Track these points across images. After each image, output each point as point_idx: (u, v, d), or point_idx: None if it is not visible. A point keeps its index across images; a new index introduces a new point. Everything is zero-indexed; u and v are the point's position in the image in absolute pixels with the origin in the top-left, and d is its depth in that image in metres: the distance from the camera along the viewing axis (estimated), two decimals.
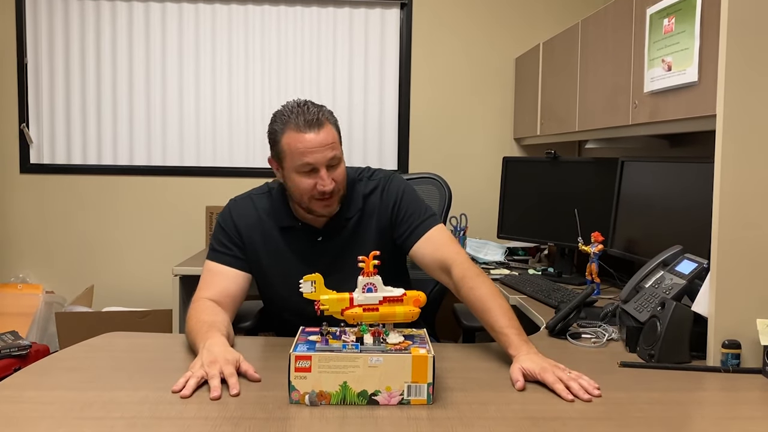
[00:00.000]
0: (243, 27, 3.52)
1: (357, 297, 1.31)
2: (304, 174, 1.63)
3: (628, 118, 2.17)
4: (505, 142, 3.59)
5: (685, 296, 1.58)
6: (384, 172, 1.83)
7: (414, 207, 1.77)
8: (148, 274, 3.53)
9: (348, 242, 1.75)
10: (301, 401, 1.20)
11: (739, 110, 1.42)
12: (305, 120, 1.61)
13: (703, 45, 1.73)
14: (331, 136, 1.63)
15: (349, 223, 1.76)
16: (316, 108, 1.64)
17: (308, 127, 1.60)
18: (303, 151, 1.61)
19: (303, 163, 1.62)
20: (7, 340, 2.77)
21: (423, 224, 1.73)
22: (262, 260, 1.75)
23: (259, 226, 1.76)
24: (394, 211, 1.76)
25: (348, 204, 1.75)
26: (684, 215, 1.97)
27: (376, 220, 1.77)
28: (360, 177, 1.81)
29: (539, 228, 2.83)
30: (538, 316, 2.01)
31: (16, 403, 1.22)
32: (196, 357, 1.38)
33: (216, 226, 1.80)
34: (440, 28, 3.56)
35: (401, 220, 1.75)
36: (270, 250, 1.75)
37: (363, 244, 1.73)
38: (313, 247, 1.75)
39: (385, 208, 1.77)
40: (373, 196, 1.78)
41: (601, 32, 2.44)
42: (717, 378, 1.41)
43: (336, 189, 1.66)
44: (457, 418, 1.16)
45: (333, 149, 1.63)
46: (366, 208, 1.77)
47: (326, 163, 1.62)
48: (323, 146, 1.61)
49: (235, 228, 1.75)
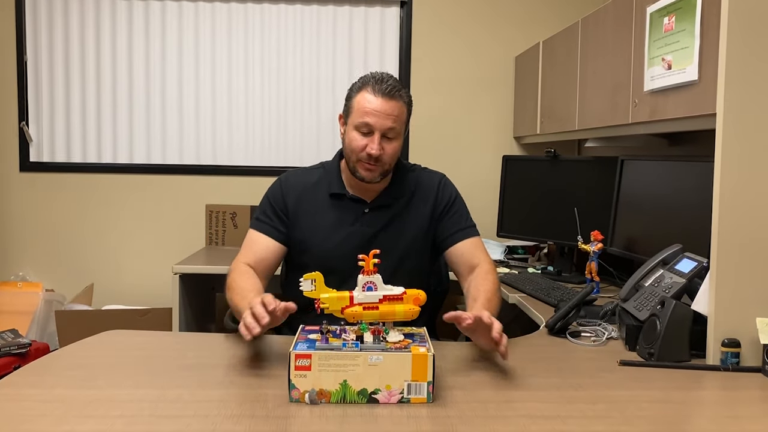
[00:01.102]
0: (243, 25, 3.51)
1: (357, 295, 1.31)
2: (361, 133, 1.76)
3: (627, 116, 2.17)
4: (505, 141, 3.59)
5: (685, 295, 1.58)
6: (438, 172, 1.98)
7: (463, 211, 1.92)
8: (147, 272, 3.53)
9: (393, 220, 1.86)
10: (301, 399, 1.20)
11: (739, 109, 1.42)
12: (382, 87, 1.75)
13: (703, 44, 1.73)
14: (397, 110, 1.76)
15: (397, 203, 1.87)
16: (396, 84, 1.78)
17: (381, 93, 1.74)
18: (367, 111, 1.74)
19: (363, 122, 1.74)
20: (6, 339, 2.77)
21: (468, 230, 1.88)
22: (311, 225, 1.85)
23: (308, 194, 1.88)
24: (448, 206, 1.90)
25: (398, 185, 1.88)
26: (684, 214, 1.97)
27: (427, 207, 1.89)
28: (413, 168, 1.96)
29: (539, 226, 2.83)
30: (537, 315, 2.01)
31: (16, 401, 1.22)
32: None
33: (264, 197, 1.91)
34: (440, 27, 3.56)
35: (451, 217, 1.89)
36: (317, 216, 1.86)
37: (407, 224, 1.86)
38: (359, 218, 1.85)
39: (441, 200, 1.90)
40: (429, 184, 1.91)
41: (601, 31, 2.44)
42: (716, 377, 1.41)
43: (383, 159, 1.76)
44: (456, 417, 1.16)
45: (394, 122, 1.75)
46: (418, 192, 1.90)
47: (383, 130, 1.74)
48: (387, 114, 1.73)
49: (283, 200, 1.87)
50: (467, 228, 1.88)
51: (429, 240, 1.90)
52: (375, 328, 1.29)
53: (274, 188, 1.91)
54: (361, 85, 1.78)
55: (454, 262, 1.87)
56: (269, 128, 3.56)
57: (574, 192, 2.66)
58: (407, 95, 1.81)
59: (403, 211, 1.87)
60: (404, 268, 1.83)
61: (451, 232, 1.87)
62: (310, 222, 1.85)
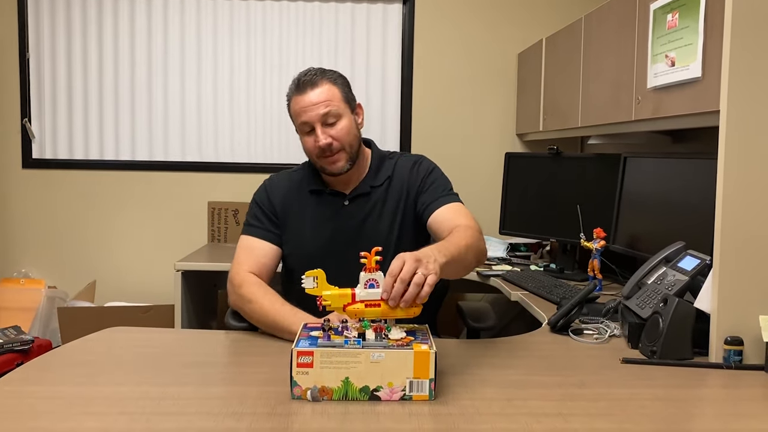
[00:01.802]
0: (245, 22, 3.51)
1: (359, 293, 1.31)
2: (306, 134, 1.76)
3: (631, 113, 2.16)
4: (508, 138, 3.58)
5: (688, 293, 1.58)
6: (417, 154, 1.95)
7: (440, 182, 1.86)
8: (150, 269, 3.54)
9: (374, 208, 1.84)
10: (303, 397, 1.20)
11: (743, 106, 1.42)
12: (300, 82, 1.74)
13: (707, 40, 1.73)
14: (325, 94, 1.73)
15: (376, 191, 1.85)
16: (318, 71, 1.75)
17: (302, 88, 1.73)
18: (298, 112, 1.74)
19: (300, 123, 1.75)
20: (9, 335, 2.78)
21: (445, 197, 1.81)
22: (296, 224, 1.85)
23: (292, 193, 1.87)
24: (423, 181, 1.85)
25: (375, 173, 1.87)
26: (687, 211, 1.97)
27: (404, 191, 1.86)
28: (391, 155, 1.93)
29: (541, 224, 2.82)
30: (540, 312, 2.01)
31: (19, 398, 1.22)
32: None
33: (251, 202, 1.90)
34: (442, 24, 3.55)
35: (426, 190, 1.84)
36: (303, 212, 1.85)
37: (389, 211, 1.84)
38: (340, 211, 1.85)
39: (415, 179, 1.86)
40: (404, 168, 1.89)
41: (604, 28, 2.43)
42: (719, 375, 1.41)
43: (336, 145, 1.74)
44: (459, 414, 1.16)
45: (327, 106, 1.72)
46: (395, 178, 1.87)
47: (320, 120, 1.72)
48: (315, 104, 1.72)
49: (269, 201, 1.86)
50: (446, 195, 1.81)
51: (416, 222, 1.85)
52: (377, 325, 1.28)
53: (260, 192, 1.90)
54: (289, 93, 1.78)
55: (435, 231, 1.76)
56: (271, 125, 3.56)
57: (576, 189, 2.65)
58: (333, 74, 1.78)
59: (383, 198, 1.85)
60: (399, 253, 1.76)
61: (430, 201, 1.81)
62: (295, 221, 1.85)
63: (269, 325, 1.62)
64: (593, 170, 2.64)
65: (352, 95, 1.82)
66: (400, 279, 1.26)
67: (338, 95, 1.75)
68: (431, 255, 1.33)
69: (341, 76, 1.81)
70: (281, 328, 1.58)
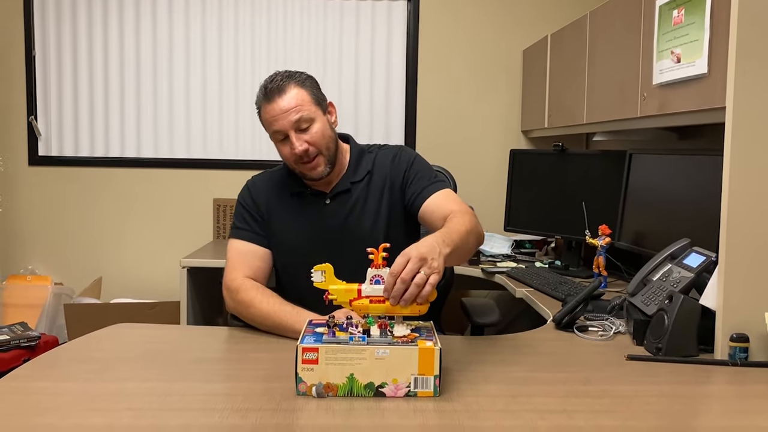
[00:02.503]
0: (249, 19, 3.51)
1: (365, 289, 1.31)
2: (280, 142, 1.72)
3: (636, 110, 2.16)
4: (513, 135, 3.57)
5: (693, 289, 1.57)
6: (397, 145, 1.90)
7: (425, 171, 1.81)
8: (155, 265, 3.55)
9: (356, 205, 1.80)
10: (308, 393, 1.20)
11: (749, 102, 1.41)
12: (267, 90, 1.68)
13: (713, 36, 1.72)
14: (294, 98, 1.68)
15: (356, 187, 1.81)
16: (284, 76, 1.70)
17: (270, 97, 1.68)
18: (269, 121, 1.69)
19: (272, 132, 1.71)
20: (16, 332, 2.79)
21: (433, 186, 1.76)
22: (279, 226, 1.81)
23: (274, 195, 1.83)
24: (406, 173, 1.81)
25: (355, 169, 1.82)
26: (692, 208, 1.96)
27: (387, 184, 1.81)
28: (370, 149, 1.88)
29: (546, 221, 2.82)
30: (545, 309, 2.01)
31: (25, 394, 1.23)
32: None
33: (236, 205, 1.86)
34: (447, 21, 3.54)
35: (412, 181, 1.79)
36: (286, 215, 1.81)
37: (372, 206, 1.79)
38: (322, 210, 1.80)
39: (397, 172, 1.81)
40: (384, 161, 1.84)
41: (609, 24, 2.42)
42: (725, 372, 1.40)
43: (313, 150, 1.70)
44: (463, 411, 1.16)
45: (298, 112, 1.67)
46: (375, 172, 1.82)
47: (293, 127, 1.68)
48: (286, 111, 1.67)
49: (254, 203, 1.82)
50: (433, 183, 1.77)
51: (403, 215, 1.81)
52: (382, 321, 1.29)
53: (243, 194, 1.85)
54: (258, 102, 1.72)
55: (428, 222, 1.73)
56: None
57: (581, 186, 2.65)
58: (300, 76, 1.72)
59: (364, 194, 1.80)
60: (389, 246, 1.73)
61: (417, 192, 1.76)
62: (279, 222, 1.81)
63: (273, 327, 1.61)
64: (598, 167, 2.63)
65: (322, 95, 1.77)
66: (401, 279, 1.25)
67: (308, 98, 1.70)
68: (435, 248, 1.32)
69: (309, 77, 1.75)
70: (285, 328, 1.58)
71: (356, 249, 1.42)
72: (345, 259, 1.46)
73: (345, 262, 1.42)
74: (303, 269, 1.68)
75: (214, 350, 1.56)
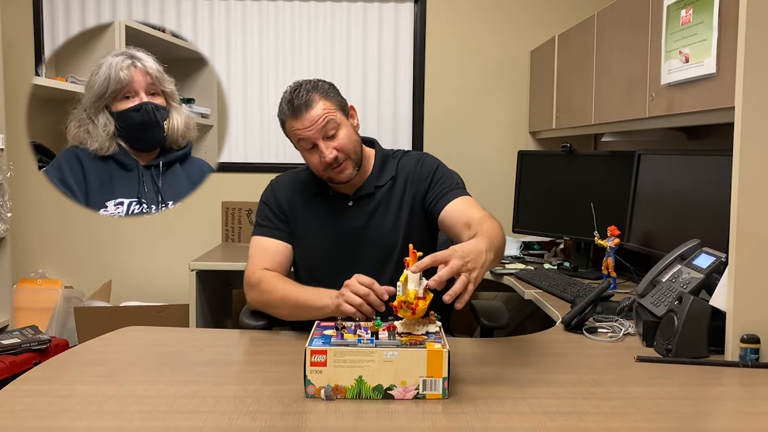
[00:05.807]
0: (257, 22, 3.52)
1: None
2: (308, 151, 1.75)
3: (644, 110, 2.15)
4: (521, 136, 3.57)
5: (703, 290, 1.57)
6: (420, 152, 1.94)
7: (448, 177, 1.86)
8: (165, 269, 3.56)
9: (378, 208, 1.84)
10: (317, 395, 1.21)
11: (758, 102, 1.40)
12: (293, 106, 1.71)
13: (722, 36, 1.71)
14: (321, 110, 1.71)
15: (379, 191, 1.85)
16: (306, 88, 1.73)
17: (297, 112, 1.71)
18: (297, 134, 1.73)
19: (298, 141, 1.74)
20: (27, 335, 2.80)
21: (454, 191, 1.80)
22: (302, 226, 1.85)
23: (297, 195, 1.87)
24: (429, 178, 1.85)
25: (379, 173, 1.86)
26: (702, 209, 1.95)
27: (409, 189, 1.85)
28: (394, 155, 1.92)
29: (555, 222, 2.81)
30: (553, 311, 2.00)
31: (36, 396, 1.23)
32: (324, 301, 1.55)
33: (259, 203, 1.91)
34: (454, 22, 3.54)
35: (434, 185, 1.83)
36: (309, 214, 1.85)
37: (393, 211, 1.83)
38: (345, 213, 1.84)
39: (420, 177, 1.86)
40: (407, 166, 1.88)
41: (617, 24, 2.41)
42: (735, 373, 1.39)
43: (342, 156, 1.74)
44: (472, 413, 1.16)
45: (325, 121, 1.71)
46: (399, 177, 1.86)
47: (321, 136, 1.72)
48: (314, 123, 1.70)
49: (277, 200, 1.87)
50: (454, 189, 1.81)
51: (423, 220, 1.85)
52: (389, 324, 1.29)
53: (267, 193, 1.91)
54: (282, 115, 1.76)
55: (448, 227, 1.77)
56: None
57: (590, 187, 2.64)
58: (323, 85, 1.76)
59: (387, 198, 1.85)
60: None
61: (438, 197, 1.80)
62: (301, 222, 1.85)
63: (295, 308, 1.64)
64: (607, 168, 2.62)
65: (344, 100, 1.80)
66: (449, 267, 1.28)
67: (332, 107, 1.73)
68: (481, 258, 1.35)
69: (331, 85, 1.79)
70: (306, 306, 1.60)
71: (374, 251, 1.44)
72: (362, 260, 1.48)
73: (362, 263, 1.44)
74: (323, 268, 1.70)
75: (223, 353, 1.56)
